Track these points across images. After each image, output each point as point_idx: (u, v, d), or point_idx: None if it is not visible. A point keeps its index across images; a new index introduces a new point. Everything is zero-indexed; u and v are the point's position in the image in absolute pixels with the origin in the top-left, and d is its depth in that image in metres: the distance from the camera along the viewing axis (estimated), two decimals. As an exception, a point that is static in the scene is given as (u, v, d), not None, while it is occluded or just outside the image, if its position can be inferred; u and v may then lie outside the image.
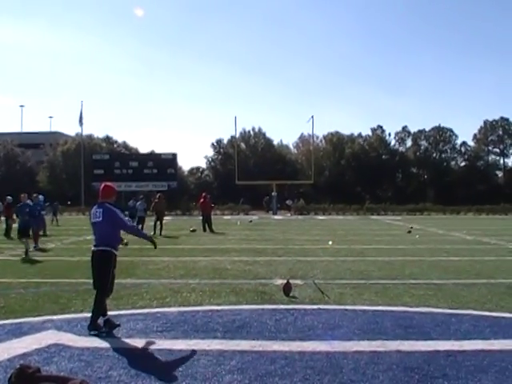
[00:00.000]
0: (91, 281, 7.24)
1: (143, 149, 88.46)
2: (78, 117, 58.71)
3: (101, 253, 7.03)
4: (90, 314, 7.01)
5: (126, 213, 25.64)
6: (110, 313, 7.29)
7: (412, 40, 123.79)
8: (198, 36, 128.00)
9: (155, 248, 7.71)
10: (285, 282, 9.75)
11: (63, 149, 71.99)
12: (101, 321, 6.99)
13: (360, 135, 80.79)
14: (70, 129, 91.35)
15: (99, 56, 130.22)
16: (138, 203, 25.41)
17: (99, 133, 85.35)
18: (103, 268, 7.01)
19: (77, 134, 71.05)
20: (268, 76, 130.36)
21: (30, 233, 17.09)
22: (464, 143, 79.48)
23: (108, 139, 79.55)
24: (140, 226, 24.22)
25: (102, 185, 7.48)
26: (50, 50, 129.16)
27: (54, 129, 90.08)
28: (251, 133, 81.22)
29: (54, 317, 7.74)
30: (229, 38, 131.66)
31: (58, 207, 36.65)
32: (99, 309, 6.98)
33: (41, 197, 22.36)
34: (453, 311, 8.14)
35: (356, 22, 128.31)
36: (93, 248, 7.14)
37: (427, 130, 79.52)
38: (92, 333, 6.79)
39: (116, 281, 7.40)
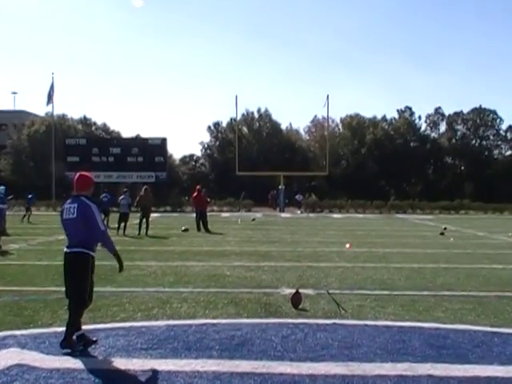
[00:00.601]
0: (62, 289, 7.22)
1: (127, 132, 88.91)
2: (49, 89, 57.75)
3: (75, 255, 6.98)
4: (60, 329, 7.01)
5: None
6: (85, 327, 7.26)
7: (449, 3, 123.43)
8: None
9: (120, 271, 7.29)
10: (293, 291, 9.74)
11: (30, 131, 71.93)
12: (74, 336, 6.96)
13: (384, 118, 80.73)
14: (39, 107, 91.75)
15: (74, 21, 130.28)
16: (121, 197, 25.41)
17: (74, 113, 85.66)
18: (78, 274, 6.96)
19: (47, 114, 71.05)
20: (275, 47, 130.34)
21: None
22: (511, 128, 79.22)
23: (85, 120, 79.60)
24: (123, 225, 24.27)
25: (77, 174, 7.41)
26: (14, 13, 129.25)
27: (18, 107, 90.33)
28: (255, 115, 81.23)
29: (17, 332, 7.72)
30: (226, 2, 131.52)
31: (33, 201, 36.40)
32: (76, 322, 6.95)
33: (1, 188, 22.33)
34: (496, 329, 8.11)
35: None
36: (65, 250, 7.10)
37: (465, 112, 79.43)
38: (65, 351, 6.75)
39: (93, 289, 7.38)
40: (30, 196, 35.70)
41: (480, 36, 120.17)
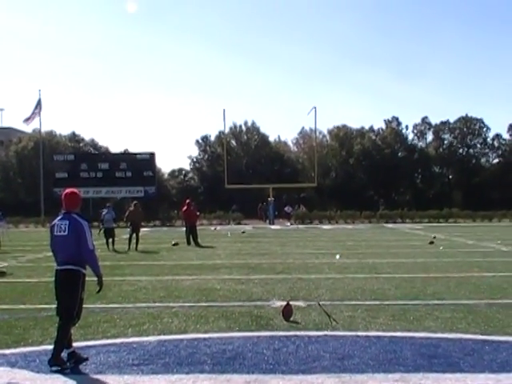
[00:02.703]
0: (52, 306, 7.19)
1: (115, 148, 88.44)
2: (34, 106, 57.14)
3: (66, 273, 6.97)
4: (51, 347, 6.95)
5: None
6: (76, 344, 7.24)
7: (432, 13, 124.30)
8: (178, 11, 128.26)
9: (98, 292, 7.26)
10: (284, 304, 9.74)
11: (18, 148, 71.67)
12: (64, 354, 6.93)
13: (371, 129, 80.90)
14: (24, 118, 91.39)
15: (61, 37, 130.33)
16: (105, 212, 25.24)
17: (63, 129, 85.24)
18: (69, 291, 6.96)
19: (34, 131, 70.85)
20: (262, 60, 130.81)
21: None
22: (497, 136, 79.45)
23: (74, 137, 79.37)
24: (111, 240, 24.18)
25: (65, 191, 7.38)
26: (0, 30, 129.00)
27: (5, 124, 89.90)
28: (243, 128, 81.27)
29: (7, 351, 7.67)
30: (214, 12, 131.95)
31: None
32: (63, 340, 6.92)
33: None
34: (487, 337, 8.12)
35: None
36: (56, 267, 7.08)
37: (452, 121, 79.67)
38: (54, 369, 6.72)
39: (84, 305, 7.35)
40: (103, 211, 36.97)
41: (464, 45, 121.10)
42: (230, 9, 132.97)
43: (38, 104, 56.40)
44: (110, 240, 24.21)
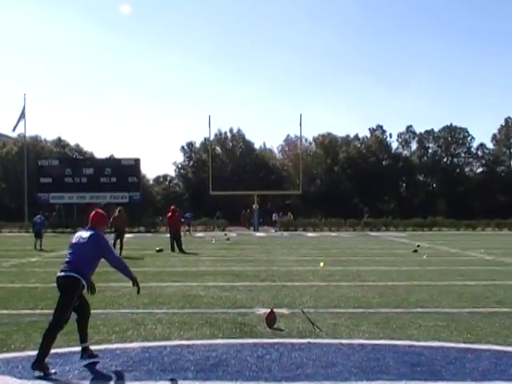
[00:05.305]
0: (35, 311, 7.16)
1: (100, 153, 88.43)
2: (19, 114, 57.33)
3: (68, 279, 7.07)
4: (33, 352, 6.92)
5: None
6: (59, 350, 7.25)
7: (417, 23, 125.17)
8: (164, 18, 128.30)
9: (138, 293, 7.73)
10: (268, 311, 9.74)
11: (2, 152, 71.56)
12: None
13: (356, 137, 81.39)
14: (11, 129, 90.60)
15: (46, 41, 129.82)
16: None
17: (48, 135, 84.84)
18: (66, 297, 7.04)
19: (19, 136, 70.55)
20: (247, 67, 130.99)
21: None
22: (481, 145, 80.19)
23: (59, 142, 79.07)
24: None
25: (93, 212, 7.83)
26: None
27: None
28: (228, 134, 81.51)
29: (-10, 356, 7.63)
30: (199, 20, 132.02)
31: (190, 218, 42.73)
32: (49, 345, 6.90)
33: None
34: (469, 346, 8.16)
35: (349, 2, 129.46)
36: (59, 273, 7.15)
37: (436, 130, 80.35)
38: (36, 374, 6.69)
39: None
40: (187, 215, 42.73)
41: (449, 54, 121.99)
42: (217, 16, 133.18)
43: (23, 110, 56.37)
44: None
